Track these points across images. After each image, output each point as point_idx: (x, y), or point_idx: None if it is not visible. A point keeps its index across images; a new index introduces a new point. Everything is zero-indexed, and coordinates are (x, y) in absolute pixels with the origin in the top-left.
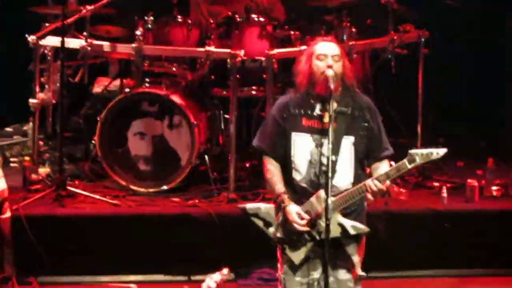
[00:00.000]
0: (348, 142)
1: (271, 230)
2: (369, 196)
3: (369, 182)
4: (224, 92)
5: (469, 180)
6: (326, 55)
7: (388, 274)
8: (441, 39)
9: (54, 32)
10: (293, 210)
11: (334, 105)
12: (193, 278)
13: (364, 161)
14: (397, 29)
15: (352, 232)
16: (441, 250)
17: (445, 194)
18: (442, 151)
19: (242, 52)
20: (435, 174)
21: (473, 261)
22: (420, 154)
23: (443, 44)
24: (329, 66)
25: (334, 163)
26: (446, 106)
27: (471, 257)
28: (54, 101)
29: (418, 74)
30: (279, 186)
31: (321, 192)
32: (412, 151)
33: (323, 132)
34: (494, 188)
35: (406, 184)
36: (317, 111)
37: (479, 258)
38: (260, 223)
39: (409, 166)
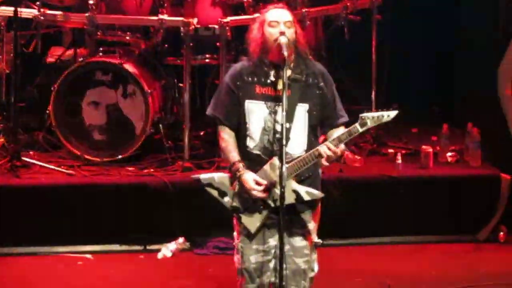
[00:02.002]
0: (302, 110)
1: (226, 199)
2: (323, 161)
3: (321, 147)
4: (178, 61)
5: (423, 147)
6: (278, 22)
7: (343, 241)
8: (393, 4)
9: (7, 2)
10: (250, 177)
11: (288, 72)
12: (149, 247)
13: (317, 129)
14: None
15: (306, 198)
16: (396, 217)
17: (399, 161)
18: (393, 113)
19: (195, 20)
20: (389, 140)
21: (428, 228)
22: (371, 117)
23: (396, 10)
24: (282, 33)
25: (288, 130)
26: (399, 72)
27: (426, 223)
28: (7, 71)
29: (371, 40)
30: (234, 154)
31: (275, 159)
32: (363, 114)
33: (277, 100)
34: (448, 154)
35: (361, 151)
36: (271, 78)
37: (434, 225)
38: (214, 193)
39: (361, 130)
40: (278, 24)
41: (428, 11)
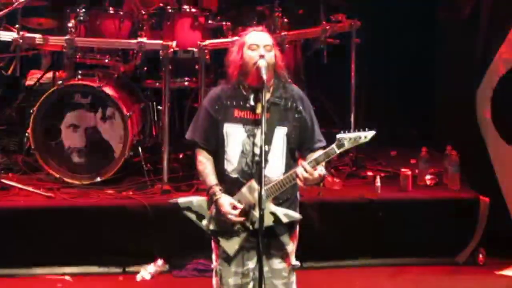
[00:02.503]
0: (280, 133)
1: (204, 222)
2: (300, 183)
3: (298, 168)
4: (157, 84)
5: (402, 169)
6: (258, 45)
7: (322, 264)
8: (372, 28)
9: None
10: (226, 201)
11: (267, 96)
12: (128, 269)
13: (295, 153)
14: (329, 19)
15: (284, 220)
16: (376, 239)
17: (378, 184)
18: (370, 134)
19: (174, 43)
20: (368, 163)
21: (407, 250)
22: (348, 138)
23: (374, 33)
24: (261, 56)
25: (266, 153)
26: (378, 95)
27: (405, 246)
28: None
29: (350, 64)
30: (211, 178)
31: (253, 182)
32: (340, 135)
33: (255, 123)
34: (427, 177)
35: (339, 173)
36: (250, 102)
37: (414, 247)
38: (193, 216)
39: (338, 151)
40: (258, 48)
41: (407, 35)
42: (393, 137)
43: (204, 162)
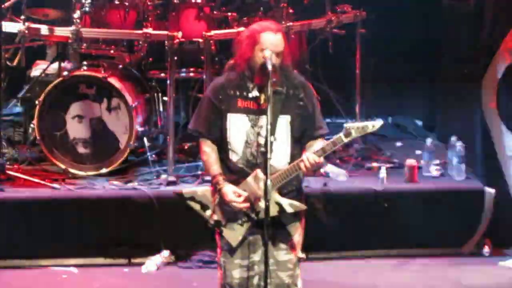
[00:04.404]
0: (284, 122)
1: (208, 213)
2: (303, 168)
3: (304, 157)
4: (162, 74)
5: (407, 160)
6: (271, 51)
7: (327, 255)
8: (377, 18)
9: None
10: (229, 190)
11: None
12: (134, 261)
13: (300, 141)
14: (334, 10)
15: (289, 210)
16: (381, 230)
17: (384, 175)
18: (378, 123)
19: (179, 34)
20: (374, 154)
21: (412, 241)
22: (356, 127)
23: (379, 23)
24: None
25: (271, 143)
26: (383, 85)
27: (410, 237)
28: None
29: (355, 54)
30: (215, 167)
31: (258, 172)
32: (348, 124)
33: (259, 113)
34: (432, 168)
35: (345, 164)
36: (254, 93)
37: (419, 238)
38: (197, 207)
39: (345, 140)
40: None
41: (412, 24)
42: (398, 127)
43: (208, 152)
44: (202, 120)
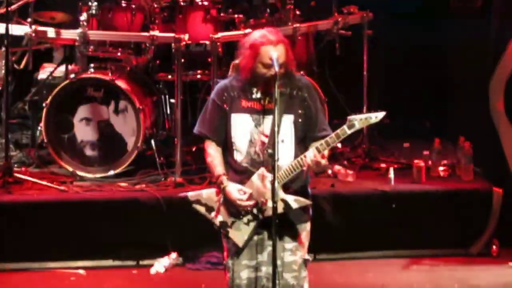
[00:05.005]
0: (288, 121)
1: (213, 214)
2: (308, 161)
3: (308, 152)
4: (169, 77)
5: (415, 161)
6: (271, 65)
7: (336, 256)
8: (384, 19)
9: None
10: (234, 188)
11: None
12: (142, 262)
13: (303, 142)
14: (341, 11)
15: (295, 206)
16: (389, 231)
17: (392, 175)
18: (380, 114)
19: (186, 36)
20: (382, 155)
21: (420, 242)
22: (359, 119)
23: (387, 24)
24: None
25: (276, 143)
26: (390, 87)
27: (418, 237)
28: None
29: (362, 55)
30: (219, 168)
31: (263, 170)
32: (351, 117)
33: (262, 112)
34: (440, 168)
35: (353, 165)
36: (257, 95)
37: (427, 239)
38: (202, 209)
39: (349, 131)
40: (270, 66)
41: (419, 25)
42: (406, 128)
43: (213, 154)
44: (207, 123)
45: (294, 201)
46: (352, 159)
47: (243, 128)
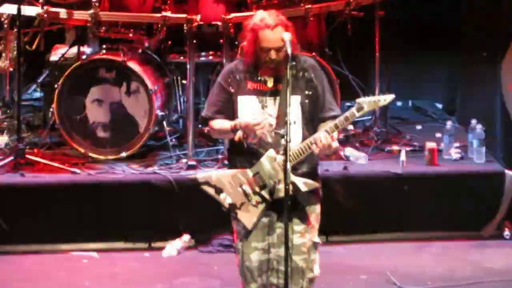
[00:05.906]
0: (295, 102)
1: (223, 196)
2: (316, 150)
3: (317, 134)
4: (181, 58)
5: (427, 143)
6: (269, 48)
7: (348, 238)
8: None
9: (10, 0)
10: (247, 119)
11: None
12: (154, 245)
13: (312, 123)
14: None
15: (303, 188)
16: (401, 213)
17: (403, 158)
18: (389, 97)
19: (198, 17)
20: (393, 138)
21: (432, 224)
22: (368, 101)
23: (399, 5)
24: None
25: (285, 124)
26: (402, 68)
27: (430, 220)
28: (11, 69)
29: (374, 37)
30: (227, 123)
31: (271, 152)
32: (360, 99)
33: (268, 94)
34: (452, 151)
35: (365, 148)
36: (262, 78)
37: (439, 221)
38: (211, 191)
39: (358, 114)
40: (269, 51)
41: (431, 7)
42: (418, 111)
43: (218, 121)
44: (214, 106)
45: (303, 183)
46: (364, 141)
47: (249, 110)
